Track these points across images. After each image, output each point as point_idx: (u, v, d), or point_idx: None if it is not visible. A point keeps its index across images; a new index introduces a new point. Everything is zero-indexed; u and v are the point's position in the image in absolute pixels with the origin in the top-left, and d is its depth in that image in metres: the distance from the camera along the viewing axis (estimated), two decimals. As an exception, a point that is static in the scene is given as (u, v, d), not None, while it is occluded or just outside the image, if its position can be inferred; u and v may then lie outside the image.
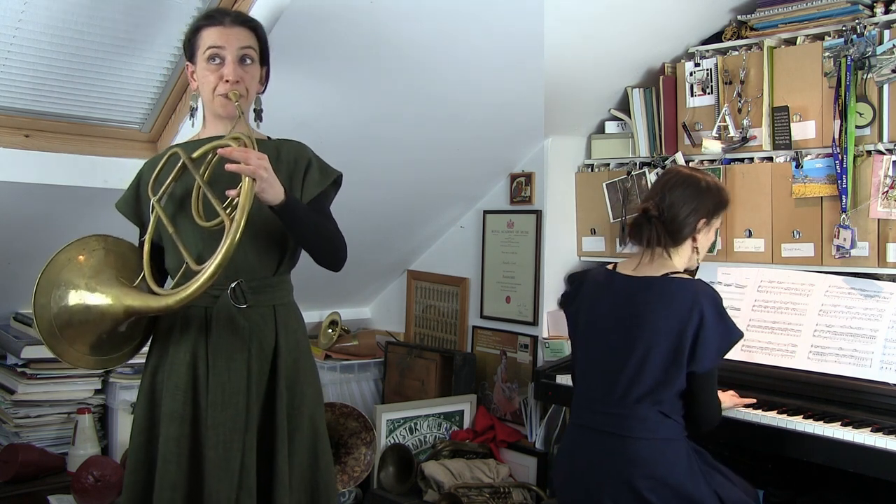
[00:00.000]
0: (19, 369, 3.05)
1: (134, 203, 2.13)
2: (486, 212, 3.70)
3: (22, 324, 3.14)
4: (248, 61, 2.07)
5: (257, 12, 2.38)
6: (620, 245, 3.29)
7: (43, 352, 3.03)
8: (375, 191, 3.30)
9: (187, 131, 2.68)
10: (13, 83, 2.44)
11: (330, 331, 3.90)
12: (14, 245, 2.83)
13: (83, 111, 2.63)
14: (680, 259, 2.28)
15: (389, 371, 3.88)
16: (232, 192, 1.89)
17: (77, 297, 1.95)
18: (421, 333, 4.02)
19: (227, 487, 1.94)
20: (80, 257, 1.99)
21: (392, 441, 3.44)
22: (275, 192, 1.92)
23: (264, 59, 2.15)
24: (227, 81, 2.03)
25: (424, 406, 3.55)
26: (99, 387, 3.19)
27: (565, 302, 2.45)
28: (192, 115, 2.17)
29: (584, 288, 2.37)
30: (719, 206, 2.30)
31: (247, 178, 1.87)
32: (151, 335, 2.12)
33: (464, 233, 3.83)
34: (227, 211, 1.90)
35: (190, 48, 2.10)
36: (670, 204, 2.23)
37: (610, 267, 2.37)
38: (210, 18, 2.08)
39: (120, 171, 2.69)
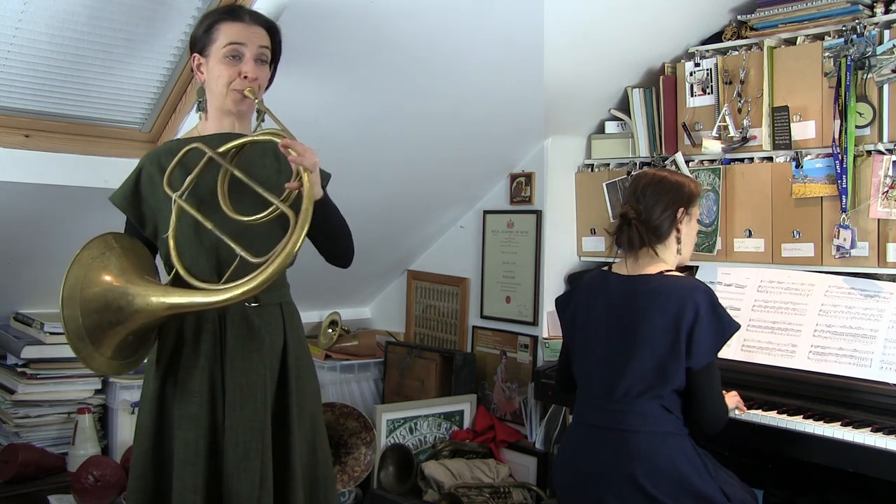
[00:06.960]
0: (19, 369, 3.05)
1: (132, 197, 2.05)
2: (486, 212, 3.70)
3: (22, 324, 3.14)
4: (263, 62, 2.06)
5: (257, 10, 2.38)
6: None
7: (43, 352, 3.04)
8: (375, 190, 3.30)
9: (189, 130, 2.68)
10: (13, 83, 2.44)
11: (330, 331, 3.90)
12: (14, 245, 2.83)
13: (83, 111, 2.63)
14: (669, 254, 2.34)
15: (389, 371, 3.88)
16: (292, 185, 1.91)
17: (109, 298, 1.87)
18: (421, 333, 4.02)
19: (249, 487, 1.94)
20: (105, 256, 1.91)
21: (392, 441, 3.44)
22: (318, 187, 1.97)
23: (273, 62, 2.14)
24: (245, 78, 2.01)
25: (424, 406, 3.55)
26: (99, 387, 3.19)
27: (560, 307, 2.50)
28: (199, 109, 2.12)
29: (577, 292, 2.44)
30: (692, 196, 2.37)
31: (307, 172, 1.89)
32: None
33: (464, 233, 3.83)
34: (286, 204, 1.91)
35: (203, 41, 2.04)
36: (646, 205, 2.31)
37: (605, 268, 2.42)
38: (231, 14, 2.05)
39: (120, 171, 2.67)
